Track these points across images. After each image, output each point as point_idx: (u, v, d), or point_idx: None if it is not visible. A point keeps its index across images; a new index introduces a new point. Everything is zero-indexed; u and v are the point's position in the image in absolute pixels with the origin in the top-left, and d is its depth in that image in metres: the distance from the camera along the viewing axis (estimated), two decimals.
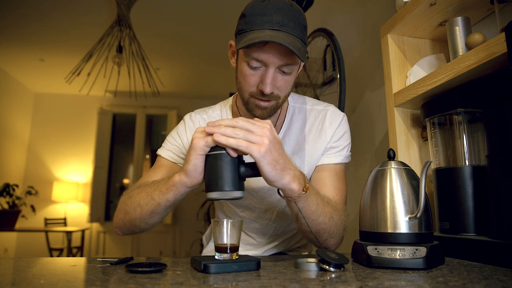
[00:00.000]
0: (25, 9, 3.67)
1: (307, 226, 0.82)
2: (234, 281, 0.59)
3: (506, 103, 0.75)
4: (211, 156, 0.71)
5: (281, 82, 0.86)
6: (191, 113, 1.07)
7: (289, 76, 0.87)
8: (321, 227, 0.82)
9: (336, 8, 2.32)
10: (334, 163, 0.99)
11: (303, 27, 0.85)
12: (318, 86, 2.33)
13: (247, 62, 0.85)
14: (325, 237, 0.85)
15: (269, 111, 0.89)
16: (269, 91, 0.84)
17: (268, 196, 1.01)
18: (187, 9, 3.70)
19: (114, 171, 6.42)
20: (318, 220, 0.81)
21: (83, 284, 0.59)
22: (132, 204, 0.86)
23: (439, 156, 0.98)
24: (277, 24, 0.80)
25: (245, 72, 0.86)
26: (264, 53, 0.81)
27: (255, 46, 0.81)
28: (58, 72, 5.01)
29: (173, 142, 1.03)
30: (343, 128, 1.01)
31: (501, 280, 0.58)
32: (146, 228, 0.89)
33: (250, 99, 0.88)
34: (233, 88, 5.09)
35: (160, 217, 0.86)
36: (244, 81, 0.88)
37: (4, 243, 5.16)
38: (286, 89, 0.89)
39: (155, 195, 0.81)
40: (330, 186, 0.95)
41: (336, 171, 0.99)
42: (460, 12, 1.03)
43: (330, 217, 0.83)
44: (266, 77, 0.83)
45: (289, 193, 0.74)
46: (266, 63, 0.83)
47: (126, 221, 0.88)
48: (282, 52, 0.81)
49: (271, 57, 0.82)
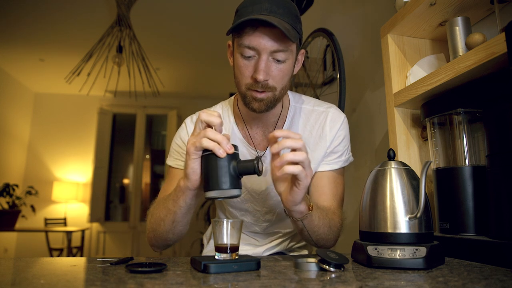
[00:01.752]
0: (25, 9, 3.67)
1: (310, 237, 0.88)
2: (234, 281, 0.59)
3: (506, 103, 0.75)
4: (204, 157, 0.73)
5: (275, 72, 0.86)
6: (192, 116, 1.07)
7: (284, 64, 0.87)
8: (322, 236, 0.89)
9: (336, 8, 2.32)
10: (333, 169, 1.00)
11: (294, 15, 0.86)
12: (318, 86, 2.33)
13: (241, 53, 0.86)
14: (323, 242, 0.92)
15: (265, 103, 0.89)
16: (262, 78, 0.83)
17: (269, 199, 1.02)
18: (187, 9, 3.70)
19: (114, 171, 6.42)
20: (319, 231, 0.87)
21: (83, 284, 0.59)
22: (156, 221, 0.90)
23: (439, 156, 0.98)
24: (266, 10, 0.82)
25: (240, 63, 0.87)
26: (255, 38, 0.82)
27: (245, 33, 0.82)
28: (58, 72, 5.01)
29: (177, 149, 1.04)
30: (343, 132, 1.02)
31: (501, 280, 0.58)
32: (176, 239, 0.92)
33: (247, 92, 0.89)
34: (233, 88, 5.10)
35: (184, 224, 0.89)
36: (239, 73, 0.88)
37: (4, 243, 5.16)
38: (282, 80, 0.88)
39: (170, 205, 0.85)
40: (328, 194, 0.98)
41: (335, 177, 1.01)
42: (460, 12, 1.03)
43: (328, 227, 0.89)
44: (259, 64, 0.84)
45: (298, 215, 0.79)
46: (258, 50, 0.83)
47: (157, 237, 0.92)
48: (273, 37, 0.82)
49: (262, 42, 0.82)
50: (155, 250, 0.96)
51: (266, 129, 1.01)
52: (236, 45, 0.87)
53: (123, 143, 6.63)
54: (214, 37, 4.16)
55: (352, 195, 1.88)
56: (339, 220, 0.94)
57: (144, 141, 6.29)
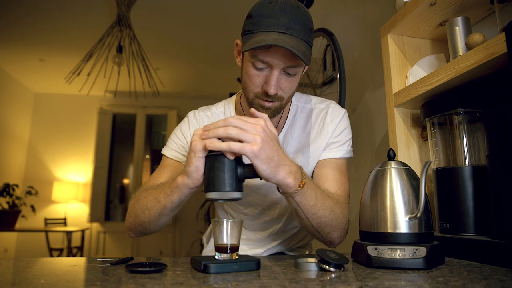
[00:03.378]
0: (25, 9, 3.67)
1: (308, 221, 0.82)
2: (234, 281, 0.59)
3: (506, 103, 0.75)
4: (210, 157, 0.72)
5: (285, 84, 0.87)
6: (195, 111, 1.07)
7: (294, 77, 0.88)
8: (322, 220, 0.82)
9: (336, 8, 2.32)
10: (336, 158, 0.99)
11: (309, 29, 0.85)
12: (318, 86, 2.33)
13: (253, 63, 0.86)
14: (327, 231, 0.85)
15: (272, 111, 0.90)
16: (273, 93, 0.85)
17: (271, 192, 1.02)
18: (187, 9, 3.69)
19: (114, 171, 6.41)
20: (318, 214, 0.81)
21: (83, 284, 0.59)
22: (140, 208, 0.88)
23: (439, 156, 0.98)
24: (283, 27, 0.81)
25: (250, 72, 0.87)
26: (269, 56, 0.82)
27: (260, 49, 0.82)
28: (58, 72, 5.01)
29: (177, 141, 1.04)
30: (343, 124, 1.02)
31: (501, 280, 0.58)
32: (156, 229, 0.91)
33: (254, 100, 0.90)
34: (233, 88, 5.10)
35: (168, 218, 0.88)
36: (249, 81, 0.89)
37: (4, 243, 5.16)
38: (290, 90, 0.90)
39: (160, 197, 0.83)
40: (332, 180, 0.96)
41: (338, 166, 0.99)
42: (460, 12, 1.03)
43: (330, 211, 0.82)
44: (270, 78, 0.84)
45: (285, 188, 0.74)
46: (271, 65, 0.84)
47: (136, 224, 0.91)
48: (287, 55, 0.82)
49: (276, 60, 0.83)
50: (130, 235, 0.96)
51: None
52: (248, 54, 0.87)
53: (123, 143, 6.63)
54: (214, 37, 4.16)
55: (352, 195, 1.87)
56: (344, 207, 0.88)
57: (144, 141, 6.29)
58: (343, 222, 0.87)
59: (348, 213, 0.90)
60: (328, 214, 0.82)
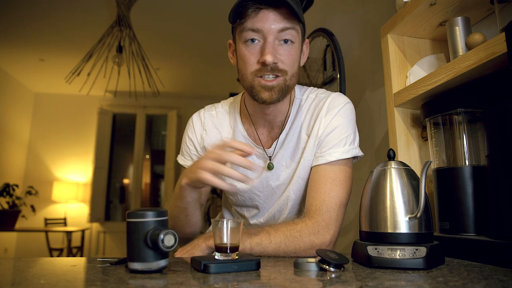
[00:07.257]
0: (25, 9, 3.67)
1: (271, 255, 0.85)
2: (234, 281, 0.59)
3: (506, 103, 0.75)
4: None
5: (284, 54, 0.82)
6: (200, 111, 1.07)
7: (291, 46, 0.83)
8: (290, 250, 0.83)
9: (336, 8, 2.32)
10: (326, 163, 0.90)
11: (295, 1, 0.82)
12: (318, 86, 2.33)
13: (244, 39, 0.83)
14: (303, 251, 0.85)
15: (277, 91, 0.83)
16: (271, 60, 0.79)
17: (273, 194, 1.02)
18: (187, 9, 3.70)
19: (114, 171, 6.42)
20: (279, 253, 0.83)
21: (83, 284, 0.59)
22: (174, 220, 0.95)
23: (439, 156, 0.98)
24: None
25: (244, 53, 0.83)
26: (259, 21, 0.79)
27: (247, 15, 0.80)
28: (58, 72, 5.01)
29: (186, 149, 1.05)
30: (339, 119, 0.91)
31: (501, 280, 0.58)
32: (195, 229, 0.99)
33: (254, 82, 0.84)
34: (233, 88, 5.09)
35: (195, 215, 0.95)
36: (244, 64, 0.84)
37: (4, 243, 5.16)
38: (292, 63, 0.84)
39: (179, 203, 0.90)
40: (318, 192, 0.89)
41: (327, 173, 0.89)
42: (460, 12, 1.03)
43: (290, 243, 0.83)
44: (265, 46, 0.80)
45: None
46: (263, 32, 0.80)
47: (181, 234, 0.98)
48: (278, 16, 0.79)
49: (267, 23, 0.79)
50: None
51: (272, 130, 1.00)
52: (238, 35, 0.84)
53: (123, 143, 6.63)
54: (214, 37, 4.16)
55: (352, 195, 1.87)
56: (311, 223, 0.84)
57: (144, 141, 6.29)
58: (306, 241, 0.83)
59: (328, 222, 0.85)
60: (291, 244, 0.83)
